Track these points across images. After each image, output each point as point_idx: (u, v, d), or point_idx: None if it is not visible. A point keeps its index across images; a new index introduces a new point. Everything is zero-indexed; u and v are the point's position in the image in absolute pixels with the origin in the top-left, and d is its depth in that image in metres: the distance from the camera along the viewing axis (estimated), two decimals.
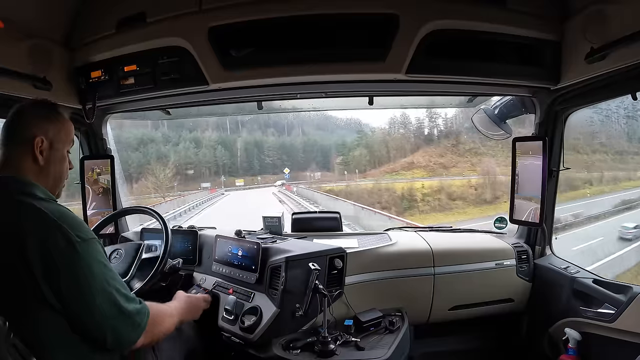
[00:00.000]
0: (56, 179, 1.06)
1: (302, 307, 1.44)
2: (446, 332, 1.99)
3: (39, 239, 0.87)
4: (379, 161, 36.86)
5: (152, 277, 1.52)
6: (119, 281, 0.98)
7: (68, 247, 0.89)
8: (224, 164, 40.39)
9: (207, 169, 39.70)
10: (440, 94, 1.95)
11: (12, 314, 0.83)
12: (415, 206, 27.48)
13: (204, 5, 1.46)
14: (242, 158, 41.88)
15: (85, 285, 0.90)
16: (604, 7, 1.26)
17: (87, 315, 0.91)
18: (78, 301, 0.90)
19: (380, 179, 32.56)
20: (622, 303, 1.47)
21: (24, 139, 1.00)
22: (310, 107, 2.36)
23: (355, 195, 28.02)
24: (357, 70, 1.52)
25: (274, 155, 42.38)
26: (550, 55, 1.51)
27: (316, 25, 1.45)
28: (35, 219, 0.90)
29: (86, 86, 1.68)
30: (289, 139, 45.13)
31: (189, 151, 39.66)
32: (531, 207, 1.84)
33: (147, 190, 32.62)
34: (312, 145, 43.45)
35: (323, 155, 42.29)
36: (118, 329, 0.94)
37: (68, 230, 0.90)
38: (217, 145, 41.52)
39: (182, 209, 20.14)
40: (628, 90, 1.37)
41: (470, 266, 1.89)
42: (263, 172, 41.40)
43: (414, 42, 1.42)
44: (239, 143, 42.70)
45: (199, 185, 37.00)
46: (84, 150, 2.08)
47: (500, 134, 2.06)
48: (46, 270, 0.87)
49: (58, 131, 1.05)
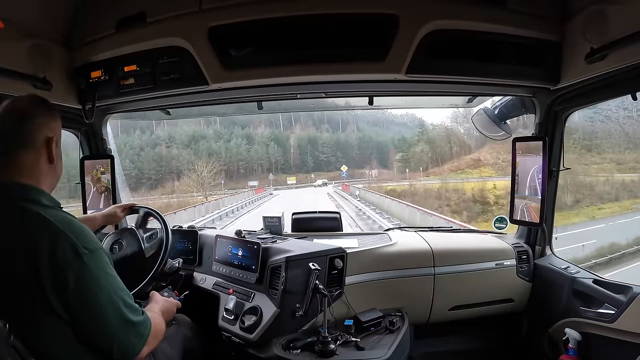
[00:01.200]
0: (59, 176, 1.06)
1: (302, 307, 1.44)
2: (446, 332, 1.99)
3: (48, 251, 0.87)
4: (441, 158, 34.28)
5: (152, 278, 1.52)
6: (125, 291, 0.98)
7: (76, 259, 0.89)
8: (276, 161, 39.33)
9: (259, 166, 38.62)
10: (440, 94, 1.95)
11: (18, 323, 0.83)
12: (489, 210, 23.36)
13: (204, 5, 1.45)
14: (295, 155, 40.70)
15: (93, 296, 0.90)
16: (604, 7, 1.26)
17: (94, 326, 0.91)
18: (85, 312, 0.90)
19: (446, 178, 28.88)
20: (622, 303, 1.47)
21: (38, 142, 0.97)
22: (310, 107, 2.36)
23: (421, 196, 25.07)
24: (357, 70, 1.52)
25: (329, 152, 41.11)
26: (550, 55, 1.51)
27: (316, 25, 1.45)
28: (43, 229, 0.89)
29: (86, 86, 1.68)
30: (344, 135, 43.31)
31: (241, 148, 38.98)
32: (531, 207, 1.85)
33: (189, 188, 31.24)
34: (368, 142, 41.77)
35: (379, 151, 40.55)
36: (124, 339, 0.94)
37: (75, 242, 0.90)
38: (270, 141, 40.56)
39: (216, 214, 18.06)
40: (628, 90, 1.37)
41: (471, 266, 1.89)
42: (317, 169, 40.07)
43: (414, 42, 1.42)
44: (292, 139, 41.39)
45: (247, 184, 35.78)
46: (84, 150, 2.07)
47: (500, 134, 2.06)
48: (55, 281, 0.87)
49: (59, 128, 1.05)
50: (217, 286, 1.77)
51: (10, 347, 0.81)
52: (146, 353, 1.00)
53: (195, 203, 24.25)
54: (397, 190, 28.29)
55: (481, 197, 24.59)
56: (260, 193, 30.74)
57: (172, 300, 1.34)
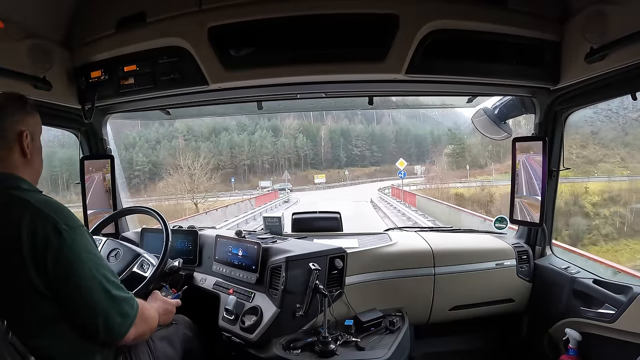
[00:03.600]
0: (38, 170, 1.08)
1: (303, 307, 1.44)
2: (446, 332, 1.99)
3: (28, 229, 0.89)
4: (503, 152, 27.08)
5: (153, 278, 1.52)
6: (108, 269, 0.99)
7: (56, 236, 0.90)
8: (305, 155, 34.52)
9: (286, 160, 33.66)
10: (440, 94, 1.95)
11: (7, 308, 0.84)
12: (593, 227, 15.70)
13: (204, 5, 1.46)
14: (327, 148, 35.64)
15: (74, 270, 0.91)
16: (604, 7, 1.26)
17: (76, 301, 0.92)
18: (67, 287, 0.91)
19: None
20: (623, 303, 1.47)
21: (10, 135, 1.00)
22: (310, 107, 2.36)
23: (500, 204, 17.94)
24: (357, 70, 1.52)
25: (363, 145, 36.32)
26: (550, 55, 1.51)
27: (316, 25, 1.45)
28: (23, 209, 0.91)
29: (86, 86, 1.68)
30: (379, 128, 38.08)
31: (266, 140, 34.00)
32: (531, 207, 1.85)
33: (175, 190, 23.97)
34: (405, 135, 37.18)
35: (418, 145, 35.90)
36: (109, 314, 0.95)
37: (55, 218, 0.92)
38: (298, 133, 35.60)
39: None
40: (628, 90, 1.37)
41: (471, 266, 1.89)
42: (350, 164, 34.60)
43: (414, 42, 1.42)
44: (322, 131, 36.21)
45: (259, 183, 28.93)
46: (84, 150, 2.07)
47: (500, 134, 2.06)
48: (35, 258, 0.88)
49: (35, 123, 1.07)
50: (217, 286, 1.77)
51: (9, 344, 0.81)
52: (133, 336, 1.01)
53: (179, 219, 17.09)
54: (465, 196, 22.59)
55: (576, 205, 16.95)
56: (264, 203, 21.50)
57: (171, 301, 1.34)
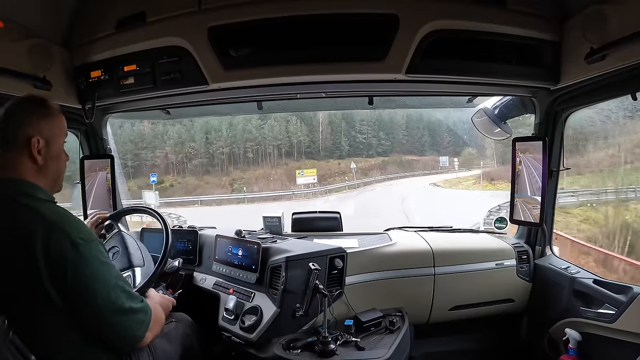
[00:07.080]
0: (55, 176, 1.04)
1: (303, 307, 1.44)
2: (446, 332, 1.99)
3: (42, 242, 0.87)
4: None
5: (152, 278, 1.52)
6: (122, 279, 1.00)
7: (71, 250, 0.89)
8: (298, 142, 27.92)
9: (275, 148, 27.17)
10: (440, 94, 1.95)
11: (16, 316, 0.83)
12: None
13: (204, 5, 1.46)
14: (325, 134, 29.41)
15: (90, 284, 0.91)
16: (604, 7, 1.26)
17: (92, 314, 0.92)
18: (83, 301, 0.91)
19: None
20: (623, 303, 1.47)
21: (19, 141, 0.96)
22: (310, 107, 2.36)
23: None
24: (357, 70, 1.52)
25: (369, 131, 30.10)
26: (550, 55, 1.51)
27: (316, 25, 1.45)
28: (36, 221, 0.90)
29: (86, 86, 1.68)
30: (387, 113, 30.59)
31: (249, 124, 26.92)
32: (531, 207, 1.85)
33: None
34: (417, 122, 31.51)
35: (432, 134, 30.69)
36: (124, 326, 0.95)
37: (70, 232, 0.91)
38: (291, 116, 27.65)
39: None
40: (628, 90, 1.37)
41: (471, 266, 1.89)
42: (354, 153, 28.46)
43: (414, 42, 1.42)
44: (320, 115, 28.38)
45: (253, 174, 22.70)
46: (84, 150, 2.07)
47: (500, 134, 2.06)
48: (51, 272, 0.87)
49: (52, 127, 1.01)
50: (217, 286, 1.76)
51: (10, 343, 0.81)
52: (150, 339, 1.02)
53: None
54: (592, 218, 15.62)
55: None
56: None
57: (168, 297, 1.35)
